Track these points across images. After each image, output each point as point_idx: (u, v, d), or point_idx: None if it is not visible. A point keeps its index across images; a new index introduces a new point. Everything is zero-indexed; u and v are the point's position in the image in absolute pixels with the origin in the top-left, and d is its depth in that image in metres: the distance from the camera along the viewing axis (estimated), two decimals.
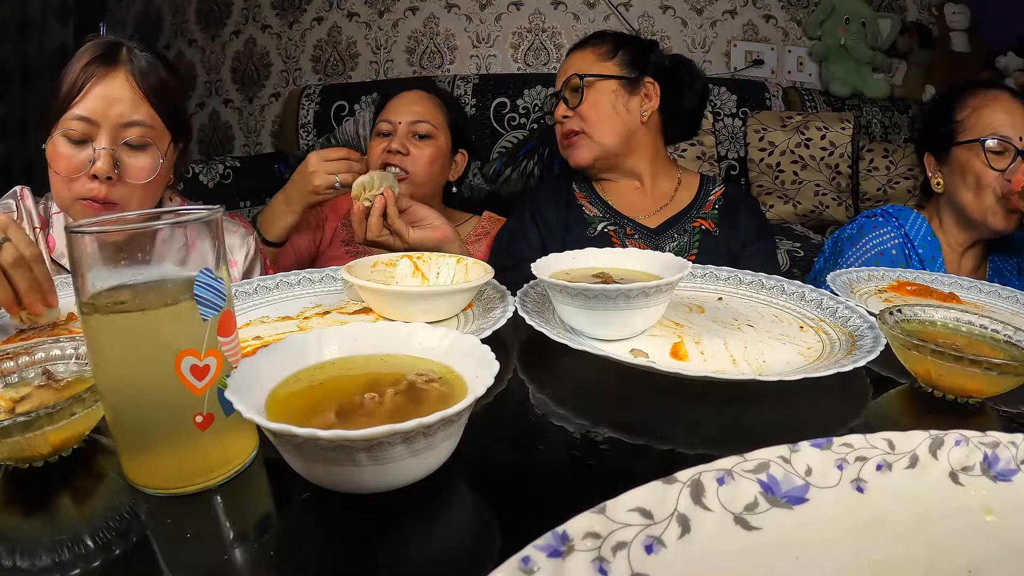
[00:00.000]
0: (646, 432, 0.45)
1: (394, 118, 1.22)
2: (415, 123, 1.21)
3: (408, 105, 1.24)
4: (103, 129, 0.82)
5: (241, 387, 0.35)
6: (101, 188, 0.82)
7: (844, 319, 0.61)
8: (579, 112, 1.10)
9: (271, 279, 0.74)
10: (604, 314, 0.56)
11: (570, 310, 0.58)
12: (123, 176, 0.84)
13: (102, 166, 0.80)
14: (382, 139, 1.23)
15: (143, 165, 0.85)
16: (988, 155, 1.07)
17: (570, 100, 1.11)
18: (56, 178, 0.83)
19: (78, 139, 0.82)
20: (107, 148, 0.81)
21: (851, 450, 0.30)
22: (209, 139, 2.99)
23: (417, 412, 0.33)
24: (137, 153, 0.85)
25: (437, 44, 2.75)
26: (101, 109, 0.81)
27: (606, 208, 1.12)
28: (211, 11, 2.87)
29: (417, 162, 1.21)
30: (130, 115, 0.83)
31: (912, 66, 2.69)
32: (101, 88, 0.82)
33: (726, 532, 0.26)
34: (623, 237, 1.08)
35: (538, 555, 0.23)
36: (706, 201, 1.12)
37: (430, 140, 1.22)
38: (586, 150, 1.11)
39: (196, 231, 0.36)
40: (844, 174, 2.34)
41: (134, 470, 0.36)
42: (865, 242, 1.12)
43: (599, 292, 0.54)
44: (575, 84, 1.10)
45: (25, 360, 0.45)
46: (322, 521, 0.34)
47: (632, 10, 2.65)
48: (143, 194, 0.87)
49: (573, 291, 0.55)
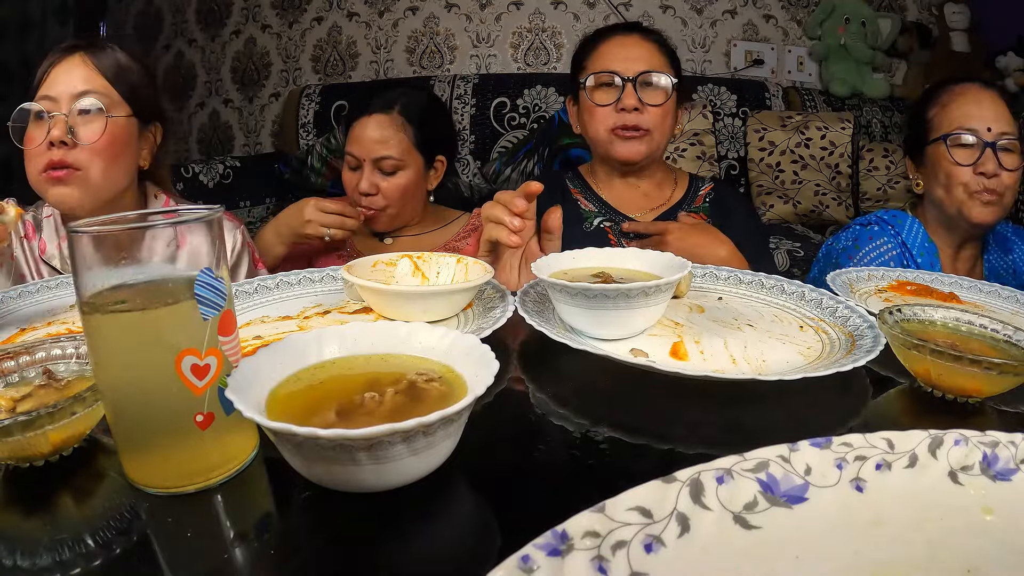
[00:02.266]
0: (646, 431, 0.45)
1: (358, 153, 1.20)
2: (380, 160, 1.19)
3: (370, 137, 1.19)
4: (60, 103, 0.87)
5: (241, 386, 0.35)
6: (57, 152, 0.86)
7: (844, 319, 0.61)
8: (649, 110, 1.04)
9: (271, 279, 0.74)
10: (604, 313, 0.56)
11: (570, 310, 0.58)
12: (76, 140, 0.88)
13: (56, 131, 0.86)
14: (351, 173, 1.22)
15: (96, 128, 0.89)
16: (952, 150, 1.07)
17: (645, 96, 1.03)
18: (28, 162, 0.89)
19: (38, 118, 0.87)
20: (60, 115, 0.87)
21: (850, 449, 0.30)
22: (209, 139, 2.99)
23: (417, 411, 0.33)
24: (89, 118, 0.89)
25: (437, 44, 2.75)
26: (59, 88, 0.88)
27: (601, 204, 1.11)
28: (211, 11, 2.87)
29: (389, 196, 1.20)
30: (83, 86, 0.89)
31: (912, 66, 2.70)
32: (58, 70, 0.89)
33: (725, 531, 0.27)
34: (618, 234, 1.08)
35: (538, 554, 0.23)
36: (696, 196, 1.13)
37: (399, 172, 1.20)
38: (645, 149, 1.05)
39: (196, 230, 0.36)
40: (844, 174, 2.34)
41: (134, 469, 0.36)
42: (862, 256, 1.11)
43: (598, 292, 0.54)
44: (652, 81, 1.04)
45: (26, 359, 0.45)
46: (322, 520, 0.34)
47: (632, 10, 2.66)
48: (103, 160, 0.90)
49: (573, 291, 0.55)
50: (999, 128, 1.06)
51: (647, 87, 1.04)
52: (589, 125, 1.08)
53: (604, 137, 1.06)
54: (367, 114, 1.21)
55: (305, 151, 2.47)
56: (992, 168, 1.05)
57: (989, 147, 1.05)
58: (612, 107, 1.04)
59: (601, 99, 1.05)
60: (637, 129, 1.04)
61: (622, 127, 1.04)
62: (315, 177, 2.40)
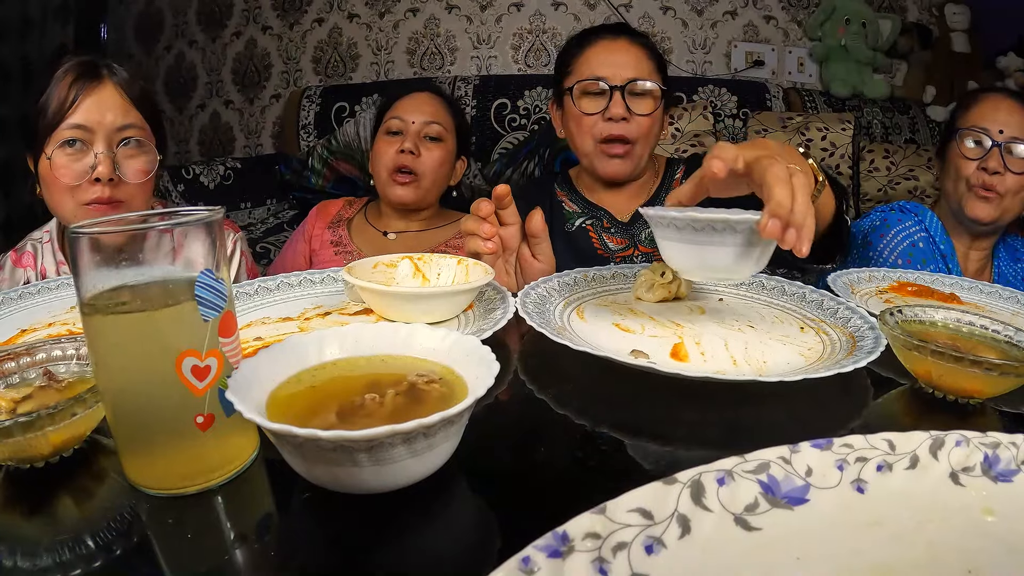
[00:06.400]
0: (646, 433, 0.45)
1: (406, 116, 1.22)
2: (428, 124, 1.21)
3: (420, 105, 1.23)
4: (99, 135, 0.87)
5: (242, 388, 0.35)
6: (105, 190, 0.87)
7: (845, 320, 0.61)
8: (637, 120, 1.00)
9: (272, 280, 0.74)
10: (712, 250, 0.54)
11: (676, 246, 0.55)
12: (123, 177, 0.89)
13: (104, 169, 0.86)
14: (392, 138, 1.22)
15: (140, 166, 0.91)
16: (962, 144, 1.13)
17: (632, 104, 1.00)
18: (57, 190, 0.88)
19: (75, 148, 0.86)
20: (105, 152, 0.87)
21: (851, 451, 0.30)
22: (210, 140, 2.99)
23: (418, 413, 0.33)
24: (133, 154, 0.90)
25: (438, 45, 2.75)
26: (95, 117, 0.87)
27: (585, 204, 1.10)
28: (212, 12, 2.87)
29: (427, 164, 1.21)
30: (123, 120, 0.89)
31: (913, 66, 2.69)
32: (92, 99, 0.87)
33: (726, 533, 0.26)
34: (600, 230, 1.08)
35: (538, 555, 0.23)
36: (672, 180, 1.11)
37: (440, 143, 1.23)
38: (630, 167, 1.04)
39: (197, 232, 0.36)
40: (845, 175, 2.34)
41: (135, 470, 0.36)
42: (892, 236, 1.15)
43: (705, 223, 0.52)
44: (640, 89, 1.00)
45: (26, 360, 0.45)
46: (322, 521, 0.34)
47: (632, 11, 2.65)
48: (145, 194, 0.93)
49: (681, 223, 0.53)
50: (1012, 132, 1.10)
51: (635, 95, 1.01)
52: (576, 134, 1.05)
53: (590, 149, 1.03)
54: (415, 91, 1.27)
55: (306, 152, 2.47)
56: (995, 165, 1.09)
57: (996, 147, 1.10)
58: (599, 116, 1.01)
59: (588, 107, 1.01)
60: (624, 141, 1.01)
61: (608, 138, 1.01)
62: (315, 178, 2.40)
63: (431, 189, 1.24)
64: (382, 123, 1.26)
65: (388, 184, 1.22)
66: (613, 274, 0.77)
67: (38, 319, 0.66)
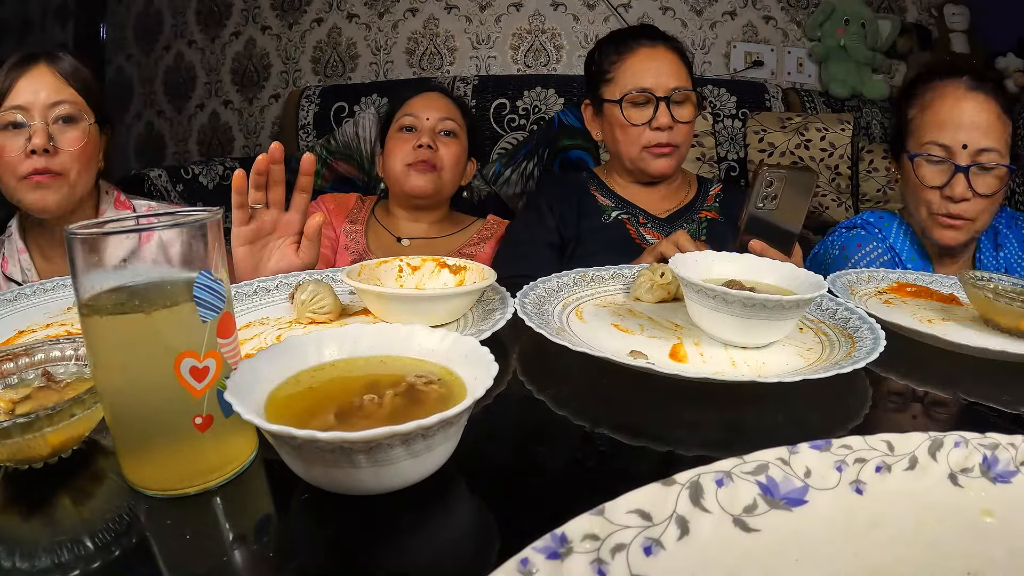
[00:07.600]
0: (645, 434, 0.45)
1: (420, 113, 1.22)
2: (442, 119, 1.22)
3: (433, 102, 1.24)
4: (34, 112, 0.93)
5: (240, 389, 0.35)
6: (40, 160, 0.92)
7: (843, 320, 0.61)
8: (679, 126, 1.09)
9: (271, 280, 0.74)
10: (753, 323, 0.55)
11: (716, 316, 0.56)
12: (58, 146, 0.94)
13: (38, 140, 0.92)
14: (407, 135, 1.22)
15: (74, 135, 0.96)
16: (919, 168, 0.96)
17: (676, 112, 1.08)
18: (2, 169, 0.93)
19: (16, 129, 0.92)
20: (39, 124, 0.92)
21: (850, 452, 0.30)
22: (209, 140, 2.99)
23: (416, 414, 0.33)
24: (67, 126, 0.95)
25: (437, 45, 2.75)
26: (29, 97, 0.93)
27: (618, 200, 1.15)
28: (211, 12, 2.87)
29: (444, 159, 1.21)
30: (55, 96, 0.94)
31: (912, 67, 2.69)
32: (25, 80, 0.93)
33: (725, 534, 0.27)
34: (636, 225, 1.11)
35: (537, 557, 0.23)
36: (707, 196, 1.19)
37: (455, 138, 1.23)
38: (676, 163, 1.12)
39: (196, 232, 0.36)
40: (844, 175, 2.34)
41: (133, 471, 0.36)
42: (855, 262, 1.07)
43: (759, 301, 0.53)
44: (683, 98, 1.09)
45: (25, 361, 0.45)
46: (321, 522, 0.34)
47: (632, 11, 2.65)
48: (81, 164, 0.97)
49: (730, 298, 0.54)
50: (978, 143, 0.92)
51: (677, 103, 1.08)
52: (621, 142, 1.12)
53: (636, 155, 1.11)
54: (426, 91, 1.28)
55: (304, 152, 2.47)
56: (961, 192, 0.93)
57: (961, 172, 0.92)
58: (645, 125, 1.08)
59: (635, 118, 1.08)
60: (669, 145, 1.09)
61: (656, 145, 1.08)
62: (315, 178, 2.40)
63: (449, 182, 1.24)
64: (393, 123, 1.26)
65: (405, 175, 1.20)
66: (612, 275, 0.77)
67: (35, 320, 0.66)
